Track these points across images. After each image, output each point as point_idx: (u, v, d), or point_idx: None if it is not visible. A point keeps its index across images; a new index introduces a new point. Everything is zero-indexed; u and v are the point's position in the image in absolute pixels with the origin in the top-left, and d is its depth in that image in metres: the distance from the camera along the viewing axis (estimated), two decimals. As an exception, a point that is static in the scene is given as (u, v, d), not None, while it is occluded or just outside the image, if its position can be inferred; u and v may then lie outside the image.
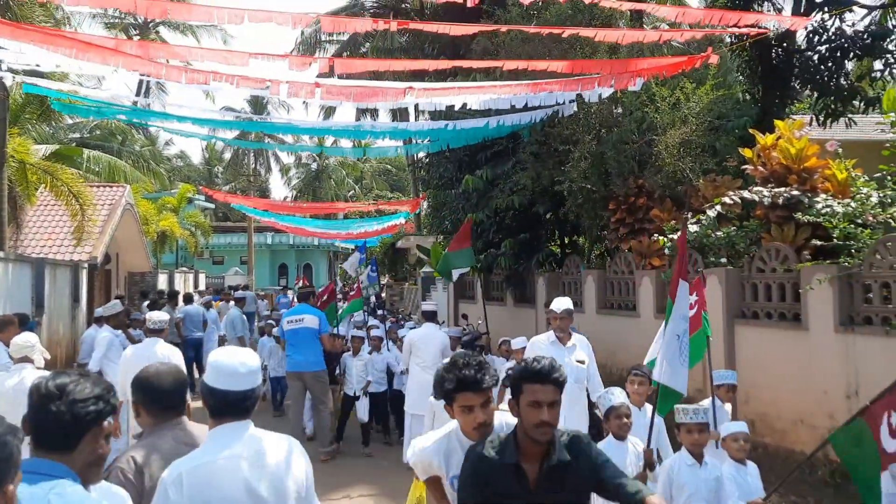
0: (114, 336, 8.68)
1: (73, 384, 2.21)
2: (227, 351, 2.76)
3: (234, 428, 2.65)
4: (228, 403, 2.63)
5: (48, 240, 16.30)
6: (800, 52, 14.85)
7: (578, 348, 6.51)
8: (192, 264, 36.17)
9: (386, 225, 26.16)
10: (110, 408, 2.25)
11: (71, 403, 2.17)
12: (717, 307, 8.26)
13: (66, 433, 2.17)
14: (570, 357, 6.33)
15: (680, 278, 4.76)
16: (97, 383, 2.27)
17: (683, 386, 4.78)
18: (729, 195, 8.15)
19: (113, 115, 11.00)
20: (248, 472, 2.57)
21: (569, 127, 10.84)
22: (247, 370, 2.67)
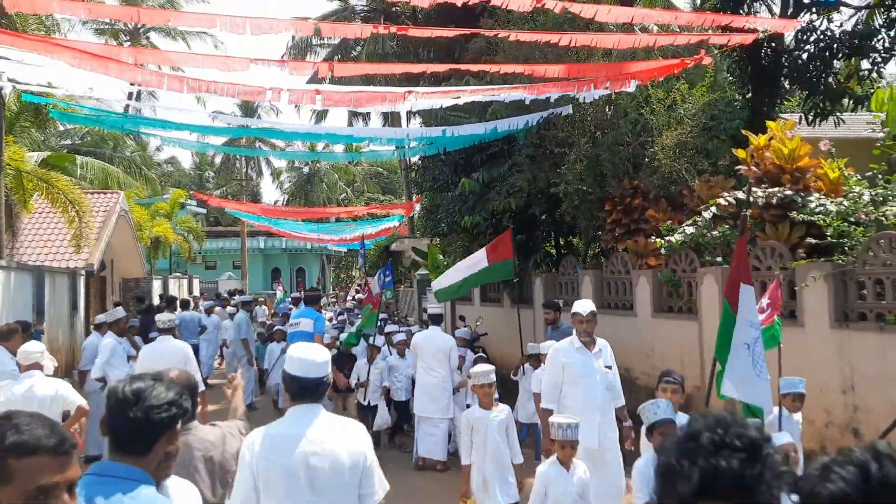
0: (117, 342, 8.74)
1: (149, 390, 2.25)
2: (305, 346, 3.27)
3: (307, 409, 3.10)
4: (304, 388, 3.09)
5: (44, 247, 16.31)
6: (788, 52, 15.06)
7: (604, 353, 6.13)
8: (185, 269, 36.15)
9: (380, 228, 26.28)
10: (182, 411, 2.32)
11: (147, 409, 2.22)
12: (715, 305, 8.40)
13: (141, 438, 2.23)
14: (597, 363, 5.96)
15: (742, 282, 4.38)
16: (170, 387, 2.31)
17: (767, 399, 4.46)
18: (724, 196, 8.30)
19: (112, 125, 11.06)
20: (308, 447, 2.97)
21: (564, 129, 10.98)
22: (321, 362, 3.14)
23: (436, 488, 7.91)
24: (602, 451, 5.77)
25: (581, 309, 6.06)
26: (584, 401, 5.79)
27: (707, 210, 8.42)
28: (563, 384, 5.89)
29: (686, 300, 9.03)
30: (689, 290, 9.08)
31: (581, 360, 5.87)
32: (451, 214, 14.08)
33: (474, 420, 5.82)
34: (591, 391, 5.84)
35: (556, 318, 9.87)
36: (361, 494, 3.04)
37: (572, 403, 5.80)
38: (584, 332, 5.99)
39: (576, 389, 5.87)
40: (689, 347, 8.83)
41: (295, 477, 2.94)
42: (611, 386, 6.01)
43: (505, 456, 5.84)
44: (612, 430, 5.94)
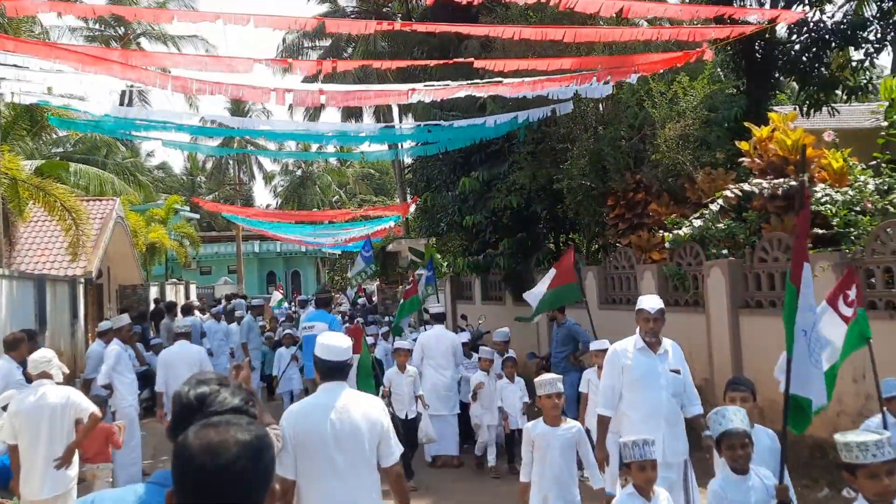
0: (122, 350, 8.67)
1: (213, 395, 2.11)
2: (332, 334, 4.00)
3: (334, 386, 3.75)
4: (331, 369, 3.75)
5: (41, 256, 16.19)
6: (781, 44, 15.11)
7: (671, 355, 5.31)
8: (180, 275, 35.98)
9: (376, 229, 26.22)
10: (251, 417, 2.16)
11: (211, 415, 2.06)
12: (721, 298, 8.43)
13: None
14: (662, 366, 5.21)
15: (804, 261, 3.96)
16: (236, 393, 2.16)
17: (821, 393, 4.09)
18: (730, 188, 8.32)
19: (110, 130, 10.98)
20: (334, 416, 3.61)
21: (565, 125, 10.98)
22: (345, 347, 3.81)
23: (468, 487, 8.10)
24: (666, 465, 4.97)
25: (648, 305, 5.23)
26: (647, 409, 5.15)
27: (714, 203, 8.43)
28: (623, 389, 5.26)
29: (692, 293, 9.04)
30: (694, 284, 9.09)
31: (644, 362, 5.18)
32: (450, 214, 14.08)
33: (536, 436, 5.17)
34: (655, 398, 5.15)
35: (558, 316, 9.87)
36: (380, 454, 3.69)
37: (632, 411, 5.21)
38: (651, 331, 5.19)
39: (637, 395, 5.20)
40: (697, 341, 8.83)
41: (323, 438, 3.58)
42: (678, 393, 5.25)
43: (571, 478, 5.19)
44: (680, 443, 5.24)
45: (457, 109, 12.06)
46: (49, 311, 11.93)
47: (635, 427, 4.97)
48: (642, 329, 5.24)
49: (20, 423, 5.69)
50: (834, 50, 15.12)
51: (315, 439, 3.59)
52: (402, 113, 27.88)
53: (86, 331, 15.49)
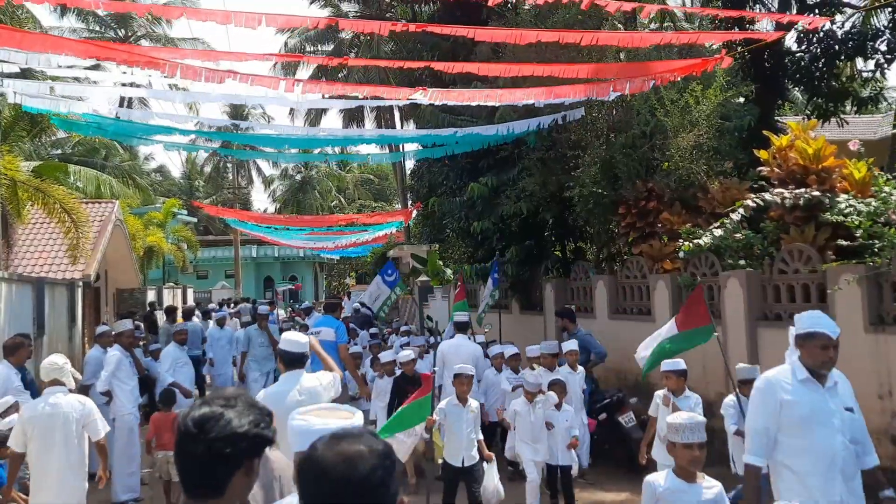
0: (123, 356, 8.44)
1: (215, 419, 1.87)
2: (292, 332, 5.19)
3: (295, 373, 4.77)
4: (292, 359, 4.78)
5: (39, 258, 15.95)
6: (790, 53, 15.01)
7: (841, 389, 4.07)
8: (177, 279, 35.72)
9: (377, 234, 25.99)
10: (262, 440, 1.95)
11: (211, 442, 1.85)
12: (739, 309, 8.24)
13: (210, 477, 1.87)
14: (834, 403, 3.96)
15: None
16: (244, 413, 1.92)
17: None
18: (751, 198, 8.13)
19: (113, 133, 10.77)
20: (298, 396, 4.55)
21: (576, 132, 10.81)
22: (303, 342, 4.89)
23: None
24: None
25: (828, 329, 3.92)
26: (816, 457, 3.91)
27: (734, 212, 8.24)
28: (780, 432, 3.98)
29: (707, 305, 8.83)
30: (710, 295, 8.89)
31: (810, 398, 3.93)
32: (457, 220, 13.88)
33: (664, 492, 3.99)
34: (827, 444, 3.90)
35: (569, 326, 9.68)
36: None
37: (796, 461, 3.95)
38: (830, 362, 3.95)
39: (801, 440, 3.94)
40: (712, 353, 8.61)
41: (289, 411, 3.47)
42: (856, 439, 4.03)
43: None
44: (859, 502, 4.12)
45: (466, 114, 11.89)
46: (48, 315, 11.68)
47: (803, 483, 3.89)
48: (816, 358, 3.95)
49: (33, 430, 5.52)
50: (843, 60, 15.04)
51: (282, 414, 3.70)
52: (403, 119, 27.73)
53: (83, 335, 15.24)
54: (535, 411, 7.07)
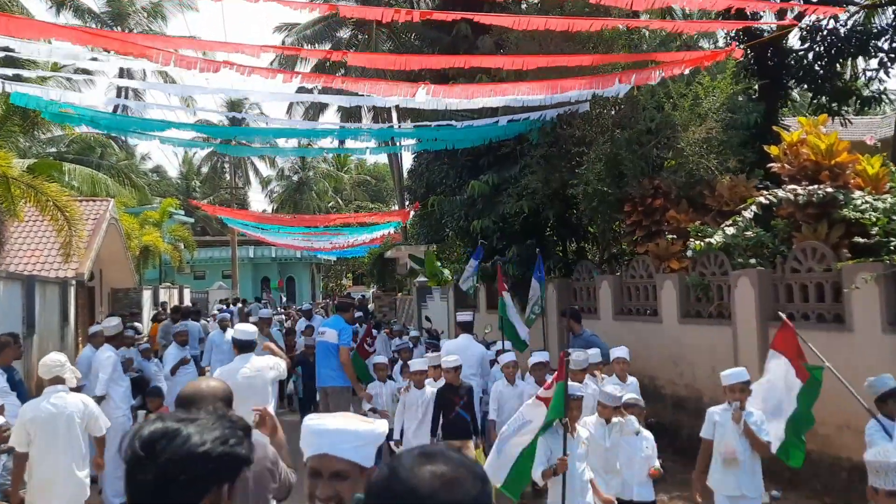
0: (117, 357, 8.18)
1: (168, 437, 1.49)
2: (243, 325, 6.62)
3: (245, 356, 6.03)
4: (243, 345, 6.09)
5: (32, 256, 15.68)
6: (793, 52, 14.80)
7: None
8: (174, 279, 35.41)
9: (375, 235, 25.73)
10: (234, 460, 1.55)
11: (164, 466, 1.47)
12: (750, 310, 7.99)
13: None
14: None
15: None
16: (208, 428, 1.53)
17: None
18: (763, 194, 7.90)
19: (107, 126, 10.51)
20: (248, 372, 5.88)
21: (581, 128, 10.57)
22: (252, 331, 6.29)
23: None
24: None
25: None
26: None
27: (747, 209, 8.01)
28: None
29: (717, 305, 8.61)
30: (719, 294, 8.66)
31: None
32: (457, 219, 13.62)
33: None
34: None
35: (575, 327, 9.41)
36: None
37: None
38: None
39: None
40: (722, 354, 8.40)
41: (240, 387, 4.96)
42: None
43: None
44: None
45: (466, 109, 11.63)
46: (38, 314, 11.40)
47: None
48: None
49: (35, 430, 5.39)
50: (846, 59, 14.84)
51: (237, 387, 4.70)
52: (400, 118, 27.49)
53: (76, 335, 14.96)
54: (610, 435, 5.69)
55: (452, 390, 6.97)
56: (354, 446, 2.11)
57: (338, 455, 2.09)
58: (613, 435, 5.71)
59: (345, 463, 2.09)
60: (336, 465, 2.08)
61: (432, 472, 1.27)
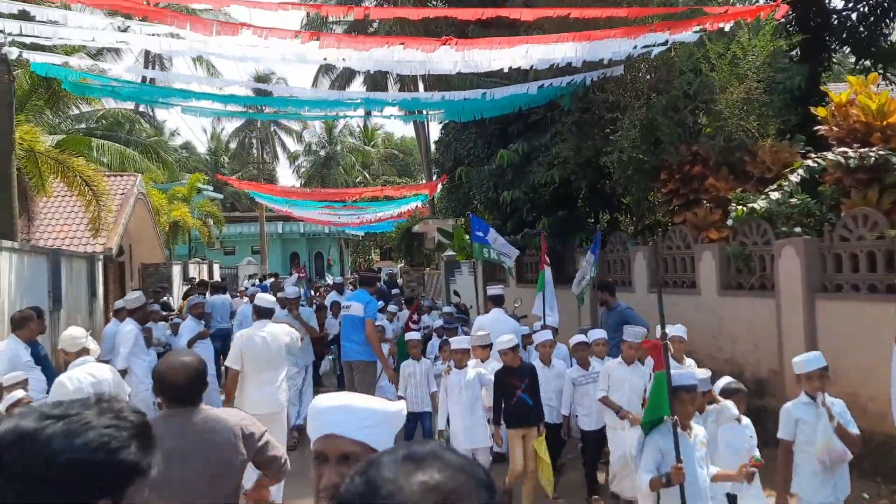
0: (139, 331, 8.05)
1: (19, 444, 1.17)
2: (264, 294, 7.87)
3: (263, 322, 6.76)
4: (263, 312, 6.84)
5: (60, 231, 15.72)
6: (836, 12, 14.13)
7: None
8: (203, 255, 35.63)
9: (402, 209, 25.50)
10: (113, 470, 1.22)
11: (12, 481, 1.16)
12: (795, 281, 7.59)
13: None
14: None
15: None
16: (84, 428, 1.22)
17: None
18: (812, 157, 7.45)
19: (128, 96, 10.34)
20: (265, 337, 6.60)
21: (615, 93, 10.13)
22: (271, 300, 7.19)
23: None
24: None
25: None
26: None
27: (793, 173, 7.57)
28: None
29: (759, 276, 8.21)
30: (761, 265, 8.26)
31: None
32: (485, 191, 13.29)
33: None
34: None
35: (609, 300, 9.06)
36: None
37: None
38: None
39: None
40: (764, 328, 8.02)
41: (257, 348, 6.45)
42: None
43: None
44: None
45: (495, 76, 11.24)
46: (65, 288, 11.36)
47: None
48: None
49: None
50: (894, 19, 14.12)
51: (253, 349, 6.45)
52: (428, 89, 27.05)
53: (105, 310, 15.01)
54: (705, 425, 4.82)
55: (512, 372, 6.32)
56: (366, 426, 1.80)
57: (346, 435, 1.78)
58: (709, 425, 4.85)
59: (355, 445, 1.77)
60: (344, 447, 1.78)
61: (423, 484, 0.95)
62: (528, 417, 6.25)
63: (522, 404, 6.20)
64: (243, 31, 7.02)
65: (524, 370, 6.36)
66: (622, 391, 6.23)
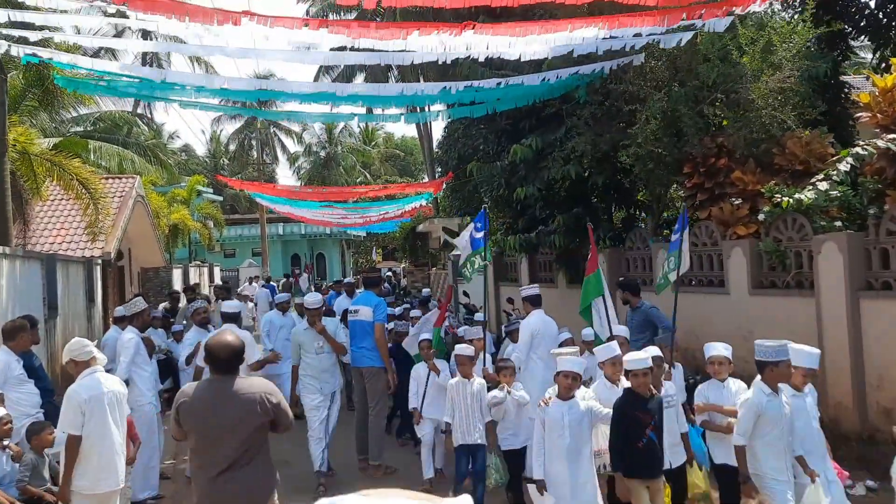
0: (139, 339, 7.57)
1: None
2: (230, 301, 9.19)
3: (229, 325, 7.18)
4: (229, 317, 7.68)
5: (57, 236, 15.26)
6: (854, 3, 13.68)
7: None
8: (204, 258, 35.18)
9: (406, 208, 25.05)
10: None
11: None
12: (838, 279, 7.12)
13: None
14: None
15: None
16: None
17: None
18: (860, 145, 7.00)
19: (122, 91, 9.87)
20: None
21: (634, 83, 9.66)
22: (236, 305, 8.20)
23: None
24: None
25: None
26: None
27: (841, 162, 7.11)
28: None
29: (796, 273, 7.74)
30: (797, 262, 7.79)
31: None
32: (497, 188, 12.81)
33: None
34: None
35: (632, 299, 8.60)
36: None
37: None
38: None
39: None
40: (803, 329, 7.54)
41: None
42: None
43: None
44: None
45: (507, 67, 10.77)
46: (61, 295, 10.89)
47: None
48: None
49: (91, 409, 5.07)
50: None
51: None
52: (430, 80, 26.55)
53: (104, 315, 14.55)
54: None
55: (639, 403, 4.88)
56: None
57: None
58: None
59: None
60: None
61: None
62: (657, 464, 4.94)
63: (651, 447, 4.84)
64: (245, 21, 6.58)
65: (654, 403, 4.95)
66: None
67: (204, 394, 3.98)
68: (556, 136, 11.13)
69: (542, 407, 5.09)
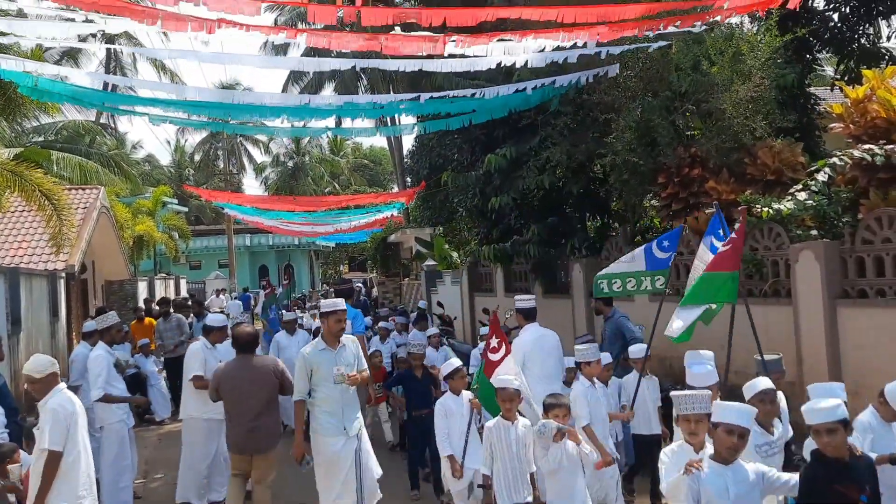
0: (110, 356, 7.32)
1: None
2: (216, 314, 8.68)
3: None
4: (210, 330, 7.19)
5: (19, 248, 14.80)
6: (818, 12, 13.95)
7: None
8: (169, 270, 34.55)
9: (377, 218, 24.87)
10: None
11: None
12: (815, 287, 7.19)
13: None
14: None
15: None
16: None
17: None
18: (837, 156, 7.09)
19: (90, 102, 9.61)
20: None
21: (609, 93, 9.70)
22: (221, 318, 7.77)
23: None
24: None
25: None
26: None
27: (819, 172, 7.19)
28: None
29: (773, 282, 7.80)
30: (774, 271, 7.86)
31: None
32: (471, 197, 12.78)
33: None
34: None
35: (604, 309, 8.55)
36: None
37: None
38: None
39: None
40: (781, 338, 7.59)
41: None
42: None
43: None
44: None
45: (480, 78, 10.75)
46: (24, 310, 10.54)
47: None
48: None
49: (74, 425, 4.84)
50: (878, 18, 14.00)
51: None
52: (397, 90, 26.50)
53: (69, 330, 14.14)
54: None
55: (837, 469, 3.60)
56: None
57: None
58: None
59: None
60: None
61: None
62: None
63: None
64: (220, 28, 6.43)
65: (862, 466, 3.68)
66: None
67: (233, 368, 5.98)
68: (530, 145, 11.15)
69: (691, 473, 3.58)
